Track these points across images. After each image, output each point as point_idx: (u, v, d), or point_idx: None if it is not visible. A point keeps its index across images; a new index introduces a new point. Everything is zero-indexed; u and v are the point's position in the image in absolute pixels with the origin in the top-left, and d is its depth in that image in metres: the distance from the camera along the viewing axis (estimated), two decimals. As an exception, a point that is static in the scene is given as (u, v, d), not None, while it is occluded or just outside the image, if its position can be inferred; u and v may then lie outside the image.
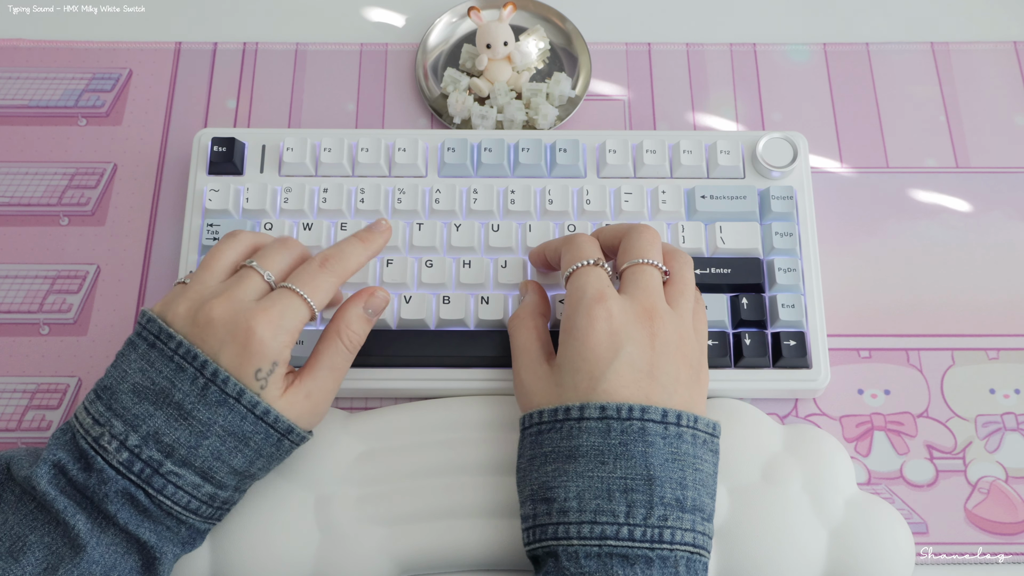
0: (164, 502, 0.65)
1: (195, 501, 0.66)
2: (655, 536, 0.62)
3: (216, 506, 0.67)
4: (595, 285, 0.67)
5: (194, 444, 0.65)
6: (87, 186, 0.86)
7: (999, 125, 0.86)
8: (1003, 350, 0.77)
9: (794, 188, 0.79)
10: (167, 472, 0.65)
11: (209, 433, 0.65)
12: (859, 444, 0.75)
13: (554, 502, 0.64)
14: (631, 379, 0.65)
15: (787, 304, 0.75)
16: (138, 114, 0.88)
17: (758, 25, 0.92)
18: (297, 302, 0.67)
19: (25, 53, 0.91)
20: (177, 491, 0.65)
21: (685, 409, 0.65)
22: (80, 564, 0.63)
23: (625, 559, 0.62)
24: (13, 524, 0.64)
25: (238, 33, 0.92)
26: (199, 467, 0.65)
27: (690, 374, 0.66)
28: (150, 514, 0.64)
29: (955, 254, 0.81)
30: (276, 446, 0.67)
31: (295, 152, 0.81)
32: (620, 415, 0.64)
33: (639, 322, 0.66)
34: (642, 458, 0.63)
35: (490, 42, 0.86)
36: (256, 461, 0.67)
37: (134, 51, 0.91)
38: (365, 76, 0.90)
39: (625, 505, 0.62)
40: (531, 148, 0.81)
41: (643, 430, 0.63)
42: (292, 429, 0.67)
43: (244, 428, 0.66)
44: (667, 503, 0.63)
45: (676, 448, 0.64)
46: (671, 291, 0.69)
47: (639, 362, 0.65)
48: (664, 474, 0.63)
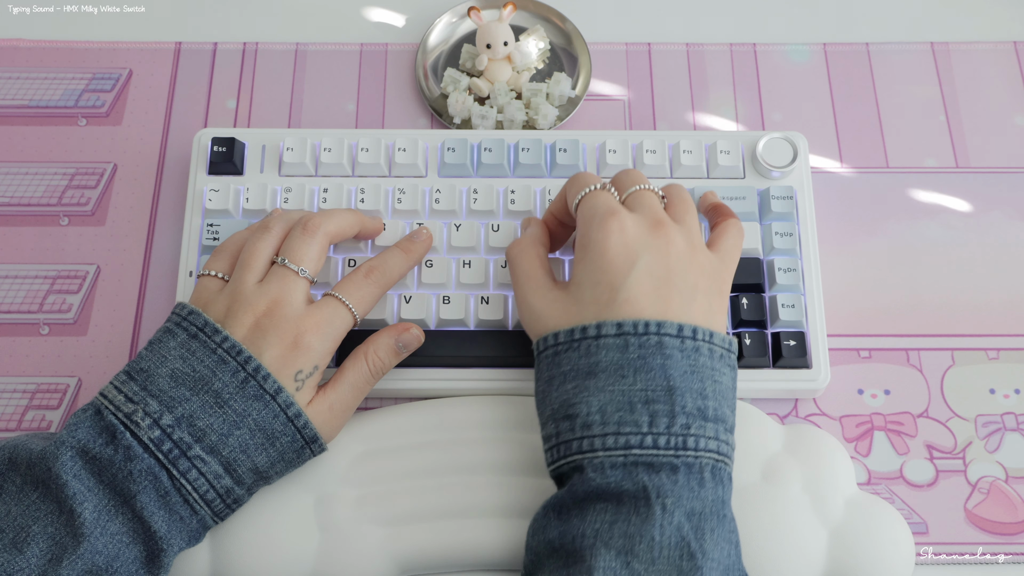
0: (185, 486, 0.65)
1: (212, 491, 0.66)
2: (679, 444, 0.63)
3: (228, 502, 0.68)
4: (605, 203, 0.69)
5: (225, 432, 0.66)
6: (87, 186, 0.86)
7: (999, 125, 0.86)
8: (1003, 350, 0.77)
9: (794, 188, 0.79)
10: (194, 456, 0.66)
11: (242, 424, 0.67)
12: (859, 444, 0.75)
13: (576, 418, 0.64)
14: (650, 287, 0.66)
15: (787, 304, 0.75)
16: (138, 114, 0.89)
17: (758, 25, 0.92)
18: (343, 311, 0.71)
19: (25, 53, 0.91)
20: (200, 477, 0.66)
21: (704, 322, 0.66)
22: (83, 554, 0.63)
23: (651, 467, 0.62)
24: (16, 515, 0.64)
25: (238, 33, 0.92)
26: (225, 457, 0.66)
27: (709, 284, 0.67)
28: (167, 499, 0.65)
29: (955, 254, 0.81)
30: (298, 453, 0.69)
31: (295, 152, 0.81)
32: (637, 331, 0.65)
33: (652, 233, 0.67)
34: (661, 370, 0.64)
35: (490, 42, 0.86)
36: (277, 464, 0.69)
37: (134, 51, 0.91)
38: (365, 76, 0.90)
39: (648, 415, 0.63)
40: (531, 148, 0.81)
41: (660, 344, 0.64)
42: (316, 439, 0.69)
43: (275, 426, 0.67)
44: (689, 412, 0.63)
45: (694, 361, 0.65)
46: (673, 210, 0.70)
47: (657, 270, 0.66)
48: (684, 384, 0.64)
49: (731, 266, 0.70)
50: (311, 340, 0.69)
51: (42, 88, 0.90)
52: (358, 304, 0.71)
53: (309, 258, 0.71)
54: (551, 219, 0.75)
